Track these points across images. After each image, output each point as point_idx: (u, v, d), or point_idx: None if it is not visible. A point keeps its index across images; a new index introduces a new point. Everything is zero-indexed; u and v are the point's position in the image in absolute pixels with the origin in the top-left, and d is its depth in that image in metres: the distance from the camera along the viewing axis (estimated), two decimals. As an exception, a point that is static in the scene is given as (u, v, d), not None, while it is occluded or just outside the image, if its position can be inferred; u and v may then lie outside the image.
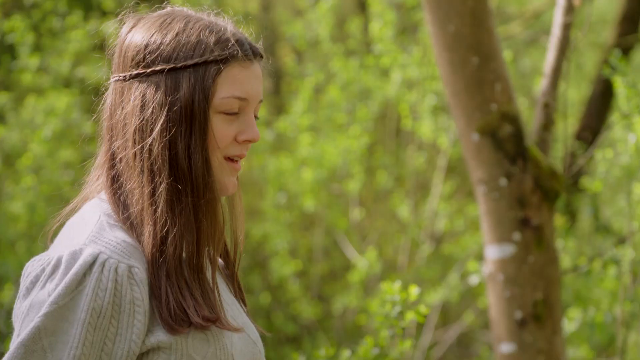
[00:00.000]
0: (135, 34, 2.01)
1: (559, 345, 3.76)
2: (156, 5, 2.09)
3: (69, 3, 6.79)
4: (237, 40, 2.00)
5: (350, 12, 10.22)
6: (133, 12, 2.07)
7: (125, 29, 2.04)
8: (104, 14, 7.28)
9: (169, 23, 2.00)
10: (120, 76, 2.01)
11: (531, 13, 8.93)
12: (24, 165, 6.23)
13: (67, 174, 6.36)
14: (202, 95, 1.96)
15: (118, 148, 1.98)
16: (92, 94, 2.16)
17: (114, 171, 1.99)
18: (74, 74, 6.58)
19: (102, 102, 2.06)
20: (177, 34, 1.98)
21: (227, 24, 2.04)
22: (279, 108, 9.23)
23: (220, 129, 1.98)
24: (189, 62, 1.96)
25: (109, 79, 2.05)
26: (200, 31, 1.99)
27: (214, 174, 1.98)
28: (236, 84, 1.98)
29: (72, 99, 6.41)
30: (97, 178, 2.04)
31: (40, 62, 6.43)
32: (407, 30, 7.17)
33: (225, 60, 1.98)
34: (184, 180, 1.95)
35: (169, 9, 2.05)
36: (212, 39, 1.98)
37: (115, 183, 1.99)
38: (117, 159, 1.99)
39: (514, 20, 9.03)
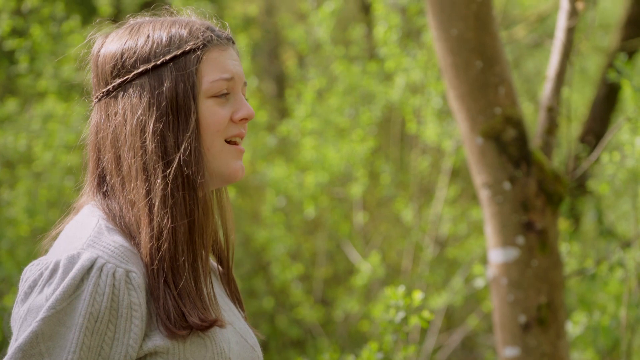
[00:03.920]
0: (108, 47, 2.04)
1: (563, 349, 3.75)
2: (119, 22, 2.10)
3: (67, 8, 6.80)
4: (207, 28, 2.05)
5: (353, 16, 10.22)
6: (102, 28, 2.10)
7: (95, 47, 2.07)
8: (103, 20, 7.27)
9: (138, 29, 2.04)
10: (103, 92, 2.03)
11: (535, 17, 8.93)
12: (33, 171, 6.24)
13: (68, 178, 6.37)
14: (186, 85, 1.99)
15: (108, 162, 2.00)
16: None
17: (105, 188, 2.01)
18: (74, 79, 6.59)
19: (87, 126, 2.08)
20: (148, 36, 2.02)
21: (192, 16, 2.09)
22: (283, 112, 9.23)
23: (215, 112, 2.00)
24: (168, 56, 2.00)
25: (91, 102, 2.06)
26: (169, 28, 2.03)
27: (214, 161, 2.00)
28: (219, 65, 2.02)
29: (72, 103, 6.42)
30: (88, 195, 2.05)
31: (41, 67, 6.43)
32: (411, 34, 7.16)
33: (202, 46, 2.01)
34: (175, 173, 1.96)
35: (131, 21, 2.08)
36: (184, 32, 2.02)
37: (106, 199, 2.00)
38: (107, 175, 2.00)
39: (518, 24, 9.02)
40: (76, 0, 8.78)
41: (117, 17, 2.18)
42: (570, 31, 3.91)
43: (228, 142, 2.02)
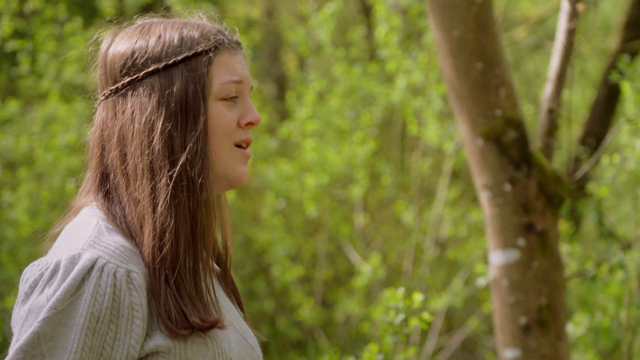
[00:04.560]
0: (117, 46, 2.04)
1: (563, 350, 3.75)
2: (127, 22, 2.10)
3: (69, 10, 6.81)
4: (218, 31, 2.05)
5: (353, 17, 10.23)
6: (106, 29, 2.10)
7: (104, 45, 2.07)
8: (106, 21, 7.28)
9: (148, 29, 2.04)
10: (111, 89, 2.02)
11: (536, 19, 8.94)
12: (34, 173, 6.24)
13: (69, 180, 6.37)
14: (197, 86, 1.99)
15: (113, 160, 2.00)
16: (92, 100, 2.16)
17: (107, 187, 2.01)
18: (75, 80, 6.60)
19: (90, 124, 2.07)
20: (160, 36, 2.02)
21: (203, 19, 2.09)
22: (283, 114, 9.24)
23: (224, 115, 2.01)
24: (180, 57, 2.00)
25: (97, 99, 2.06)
26: (181, 29, 2.03)
27: (221, 164, 2.01)
28: (229, 68, 2.03)
29: (74, 105, 6.43)
30: (88, 195, 2.05)
31: (43, 69, 6.44)
32: (412, 36, 7.17)
33: (214, 49, 2.02)
34: (180, 174, 1.96)
35: (139, 21, 2.08)
36: (195, 33, 2.02)
37: (107, 198, 2.00)
38: (110, 173, 2.00)
39: (519, 26, 9.03)
40: (78, 3, 8.80)
41: (119, 20, 2.18)
42: (571, 33, 3.91)
43: (237, 146, 2.03)
